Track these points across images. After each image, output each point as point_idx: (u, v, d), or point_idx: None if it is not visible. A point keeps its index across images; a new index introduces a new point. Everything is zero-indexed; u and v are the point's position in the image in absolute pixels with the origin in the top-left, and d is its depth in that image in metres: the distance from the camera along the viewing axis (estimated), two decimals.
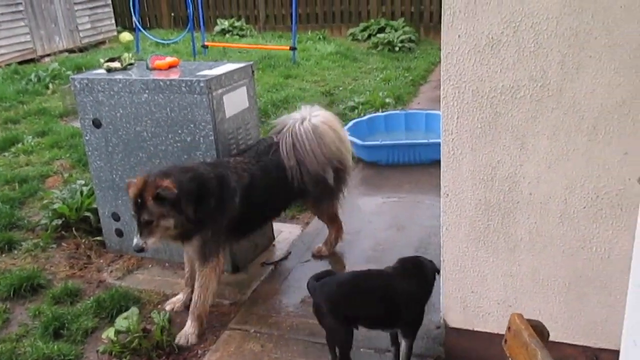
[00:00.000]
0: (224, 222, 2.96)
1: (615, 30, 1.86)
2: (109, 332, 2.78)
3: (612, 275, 2.20)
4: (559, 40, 1.94)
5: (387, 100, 6.54)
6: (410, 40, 9.82)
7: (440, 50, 2.16)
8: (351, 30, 10.98)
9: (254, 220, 3.27)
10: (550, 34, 1.94)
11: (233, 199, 2.96)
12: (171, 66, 3.46)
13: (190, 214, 2.75)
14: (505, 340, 1.29)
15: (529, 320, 1.22)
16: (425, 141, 4.99)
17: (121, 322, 2.82)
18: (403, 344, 2.55)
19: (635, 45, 1.85)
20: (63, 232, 3.85)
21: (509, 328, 1.27)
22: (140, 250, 2.78)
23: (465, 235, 2.37)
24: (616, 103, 1.95)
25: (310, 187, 3.32)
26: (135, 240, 2.77)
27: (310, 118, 3.30)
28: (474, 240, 2.36)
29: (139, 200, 2.70)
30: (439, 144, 2.32)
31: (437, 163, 2.42)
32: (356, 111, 6.24)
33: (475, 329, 2.49)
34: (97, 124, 3.42)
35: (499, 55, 2.05)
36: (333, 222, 3.65)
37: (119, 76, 3.33)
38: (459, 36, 2.07)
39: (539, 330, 1.23)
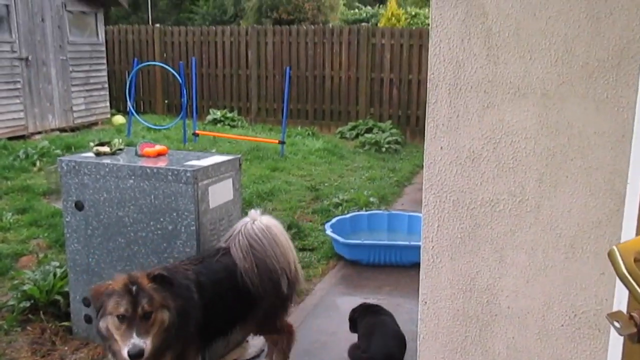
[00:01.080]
0: (192, 328, 2.70)
1: (590, 154, 1.94)
2: None
3: None
4: (537, 159, 2.01)
5: (372, 199, 6.62)
6: (396, 142, 10.11)
7: None
8: (340, 129, 11.30)
9: (215, 324, 2.93)
10: (529, 152, 2.02)
11: (192, 297, 2.73)
12: (160, 154, 3.51)
13: (174, 311, 2.54)
14: None
15: None
16: (407, 243, 5.01)
17: None
18: None
19: (610, 170, 1.92)
20: (30, 315, 3.72)
21: None
22: (140, 354, 2.29)
23: (442, 345, 2.32)
24: (592, 224, 1.99)
25: (267, 292, 3.06)
26: (132, 342, 2.31)
27: (261, 219, 3.17)
28: (451, 351, 2.31)
29: (134, 288, 2.41)
30: (420, 247, 2.33)
31: (418, 266, 2.42)
32: (340, 208, 6.30)
33: None
34: (79, 206, 3.41)
35: (479, 169, 2.11)
36: (284, 332, 3.33)
37: (106, 160, 3.37)
38: (441, 148, 2.14)
39: None
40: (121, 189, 3.29)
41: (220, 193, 3.39)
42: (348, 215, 5.79)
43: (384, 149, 9.81)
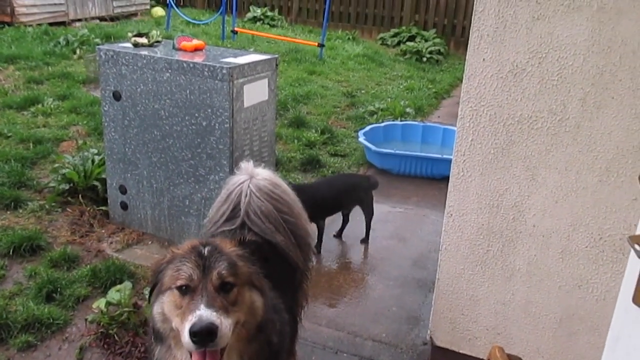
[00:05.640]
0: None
1: None
2: (100, 303, 2.80)
3: (605, 318, 2.18)
4: (583, 77, 1.93)
5: (408, 109, 6.53)
6: (439, 52, 9.79)
7: None
8: (382, 35, 10.97)
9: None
10: (576, 69, 1.93)
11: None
12: (197, 49, 3.47)
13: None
14: None
15: (509, 355, 1.22)
16: (439, 156, 4.98)
17: (113, 294, 2.85)
18: None
19: None
20: (69, 198, 3.89)
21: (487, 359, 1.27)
22: (209, 331, 1.39)
23: (464, 257, 2.36)
24: (632, 147, 1.93)
25: (304, 264, 2.27)
26: (198, 313, 1.42)
27: (262, 174, 2.19)
28: (472, 263, 2.36)
29: (207, 249, 1.59)
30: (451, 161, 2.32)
31: (448, 179, 2.42)
32: (375, 116, 6.24)
33: (461, 351, 2.49)
34: (117, 96, 3.45)
35: (521, 84, 2.04)
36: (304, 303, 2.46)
37: (144, 52, 3.35)
38: (483, 59, 2.07)
39: None
40: (158, 81, 3.30)
41: (256, 92, 3.37)
42: (382, 124, 5.75)
43: (425, 59, 9.53)
